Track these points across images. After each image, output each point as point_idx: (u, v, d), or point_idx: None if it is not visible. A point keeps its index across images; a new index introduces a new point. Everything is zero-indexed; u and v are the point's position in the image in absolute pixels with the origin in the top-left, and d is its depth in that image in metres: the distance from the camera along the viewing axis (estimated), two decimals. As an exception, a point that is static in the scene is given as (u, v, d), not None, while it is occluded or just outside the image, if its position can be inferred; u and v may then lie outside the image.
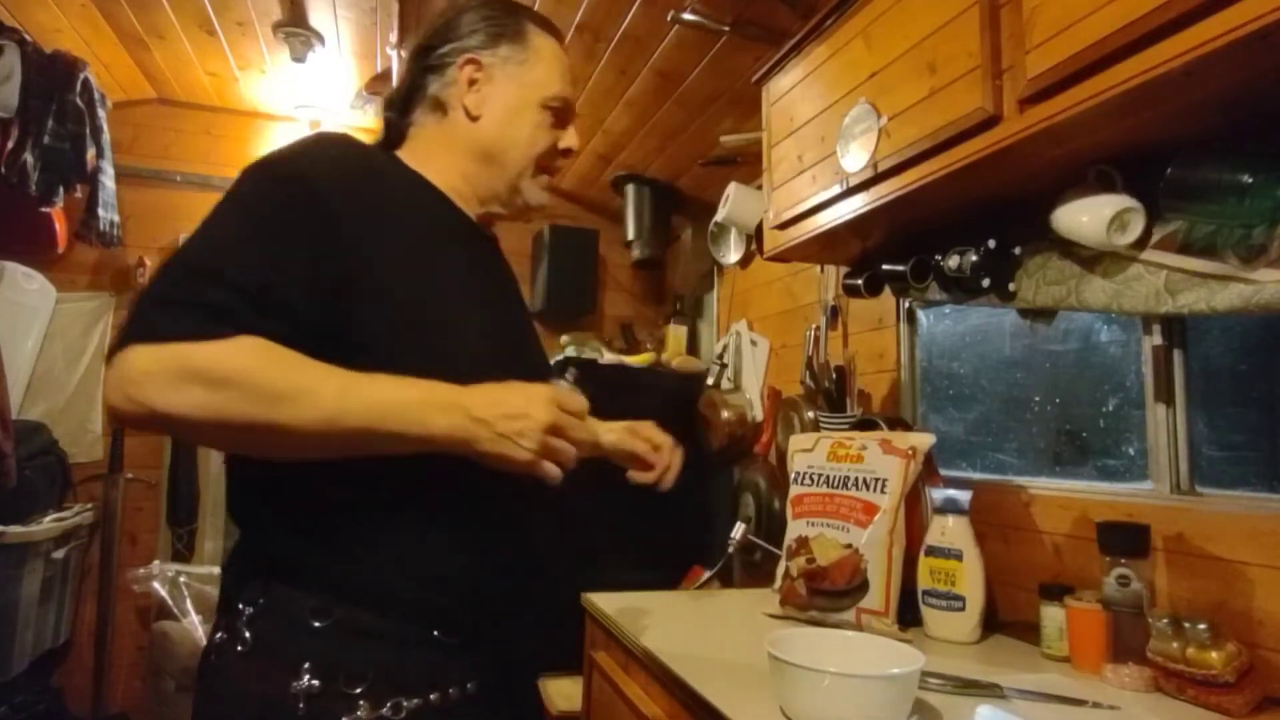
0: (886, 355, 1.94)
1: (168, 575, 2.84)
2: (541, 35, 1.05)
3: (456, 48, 1.01)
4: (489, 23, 1.02)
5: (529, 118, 1.02)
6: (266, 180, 0.86)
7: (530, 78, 1.02)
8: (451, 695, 0.89)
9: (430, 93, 1.03)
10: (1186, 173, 1.02)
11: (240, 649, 0.85)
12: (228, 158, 3.29)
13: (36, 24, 2.51)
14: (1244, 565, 1.09)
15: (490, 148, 1.01)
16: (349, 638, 0.85)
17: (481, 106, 1.01)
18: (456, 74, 1.01)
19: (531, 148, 1.02)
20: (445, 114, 1.02)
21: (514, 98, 1.01)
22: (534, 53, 1.03)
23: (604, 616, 1.47)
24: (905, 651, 0.96)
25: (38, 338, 2.89)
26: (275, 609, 0.85)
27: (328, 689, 0.82)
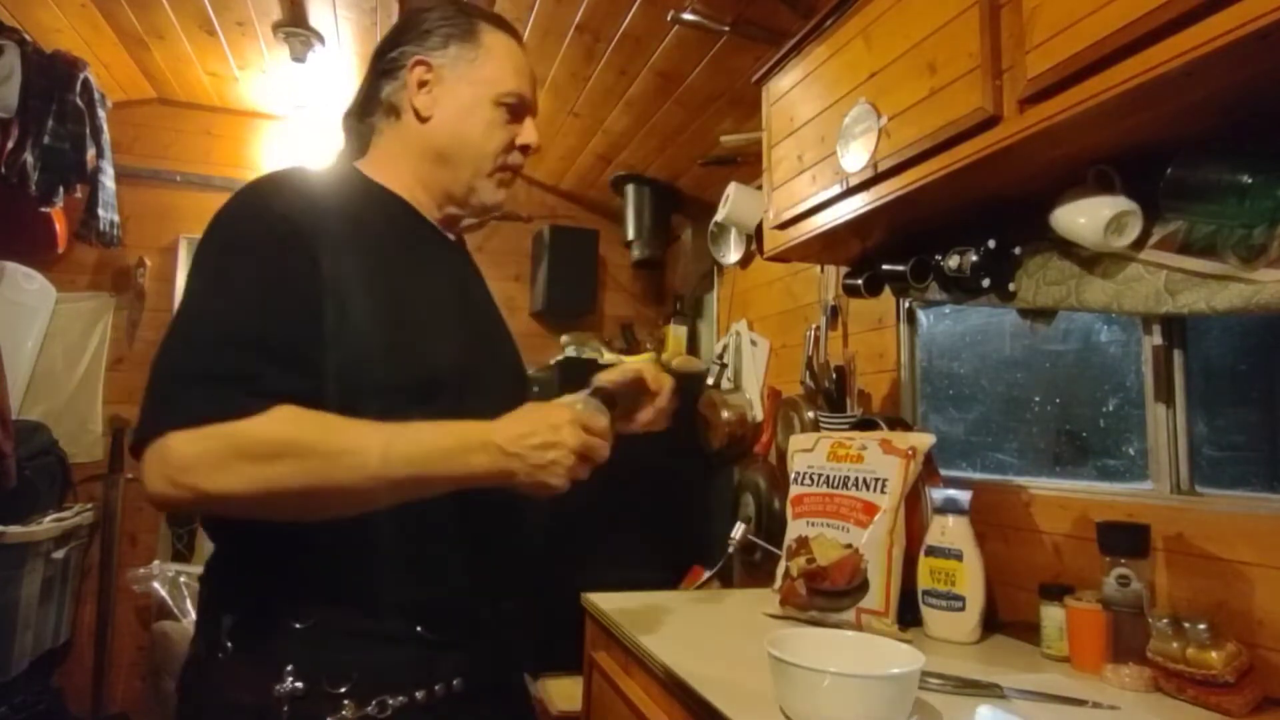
0: (886, 355, 1.94)
1: (168, 575, 2.84)
2: (494, 33, 1.04)
3: (407, 50, 1.01)
4: (441, 23, 1.02)
5: (481, 115, 1.01)
6: (255, 226, 0.86)
7: (481, 75, 1.01)
8: (438, 692, 0.88)
9: (383, 96, 1.03)
10: (1186, 173, 1.02)
11: (221, 656, 0.85)
12: (228, 158, 3.29)
13: (36, 24, 2.51)
14: (1244, 565, 1.09)
15: (443, 148, 1.01)
16: (331, 638, 0.84)
17: (432, 108, 1.00)
18: (407, 76, 1.01)
19: (485, 145, 1.01)
20: (398, 117, 1.02)
21: (465, 96, 1.01)
22: (485, 50, 1.02)
23: (604, 616, 1.47)
24: (905, 651, 0.96)
25: (38, 338, 2.89)
26: (255, 613, 0.85)
27: (312, 690, 0.82)
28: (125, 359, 3.10)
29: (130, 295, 3.10)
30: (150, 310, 3.14)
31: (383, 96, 1.03)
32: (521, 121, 1.04)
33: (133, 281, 3.10)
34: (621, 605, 1.50)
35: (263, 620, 0.85)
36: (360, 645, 0.85)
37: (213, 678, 0.86)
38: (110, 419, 3.04)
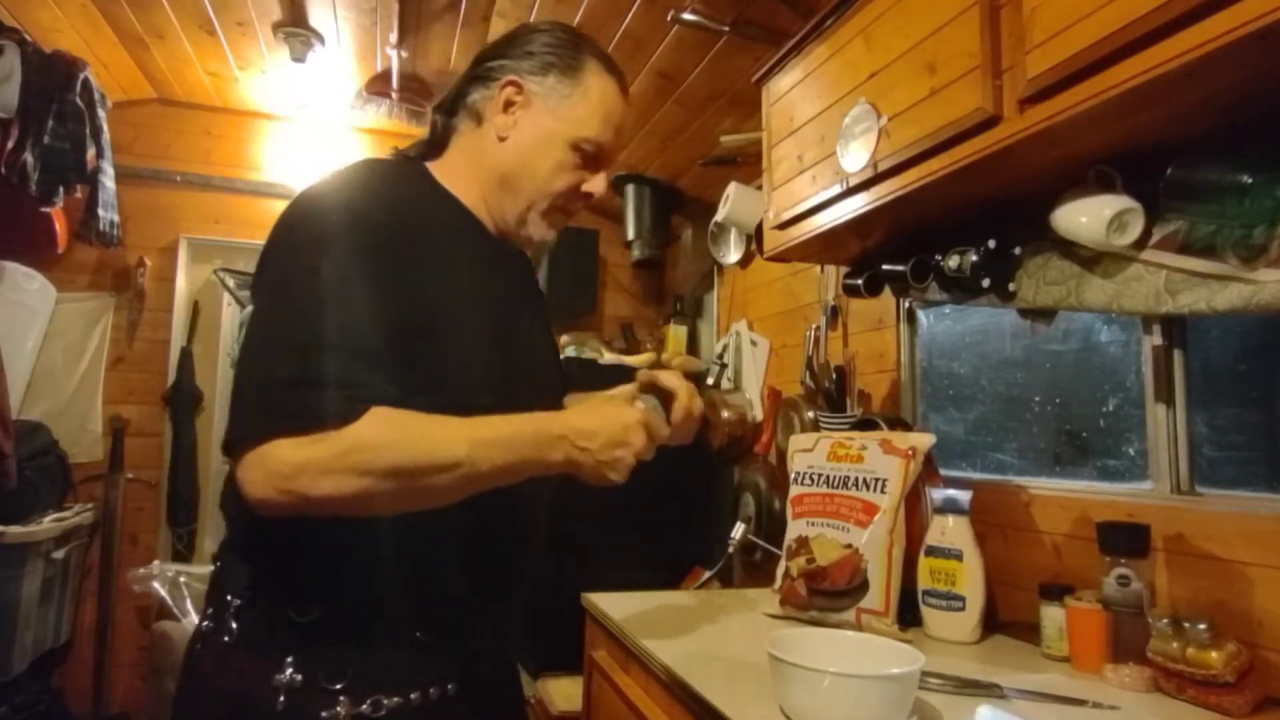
0: (886, 355, 1.94)
1: (168, 575, 2.84)
2: (599, 75, 1.01)
3: (505, 65, 1.00)
4: (547, 49, 1.00)
5: (553, 154, 0.99)
6: (348, 234, 0.86)
7: (568, 114, 0.99)
8: (432, 695, 0.89)
9: (470, 101, 1.02)
10: (1186, 173, 1.02)
11: (226, 639, 0.86)
12: (228, 158, 3.29)
13: (36, 24, 2.51)
14: (1244, 565, 1.09)
15: (507, 174, 0.99)
16: (332, 634, 0.85)
17: (510, 130, 0.99)
18: (497, 91, 1.00)
19: (549, 184, 1.00)
20: (478, 125, 1.01)
21: (545, 130, 0.99)
22: (582, 90, 1.00)
23: (604, 616, 1.47)
24: (905, 651, 0.96)
25: (38, 338, 2.89)
26: (261, 602, 0.87)
27: (308, 684, 0.83)
28: (125, 359, 3.10)
29: (130, 295, 3.10)
30: (150, 310, 3.14)
31: (469, 101, 1.02)
32: (594, 169, 1.03)
33: (133, 281, 3.10)
34: (621, 605, 1.50)
35: (268, 609, 0.86)
36: (359, 644, 0.86)
37: (216, 660, 0.87)
38: (110, 419, 3.04)
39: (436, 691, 0.89)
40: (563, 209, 1.03)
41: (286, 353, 0.79)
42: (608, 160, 1.04)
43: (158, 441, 3.12)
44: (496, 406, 0.87)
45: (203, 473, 3.18)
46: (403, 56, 2.70)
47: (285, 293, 0.83)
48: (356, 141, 3.49)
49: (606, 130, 1.01)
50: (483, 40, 2.57)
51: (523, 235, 1.03)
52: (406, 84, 2.92)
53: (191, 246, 3.22)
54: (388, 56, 2.70)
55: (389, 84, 2.90)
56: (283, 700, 0.82)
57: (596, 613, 1.53)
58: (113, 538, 2.97)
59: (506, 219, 1.02)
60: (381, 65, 2.83)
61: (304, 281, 0.83)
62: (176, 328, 3.17)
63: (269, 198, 3.34)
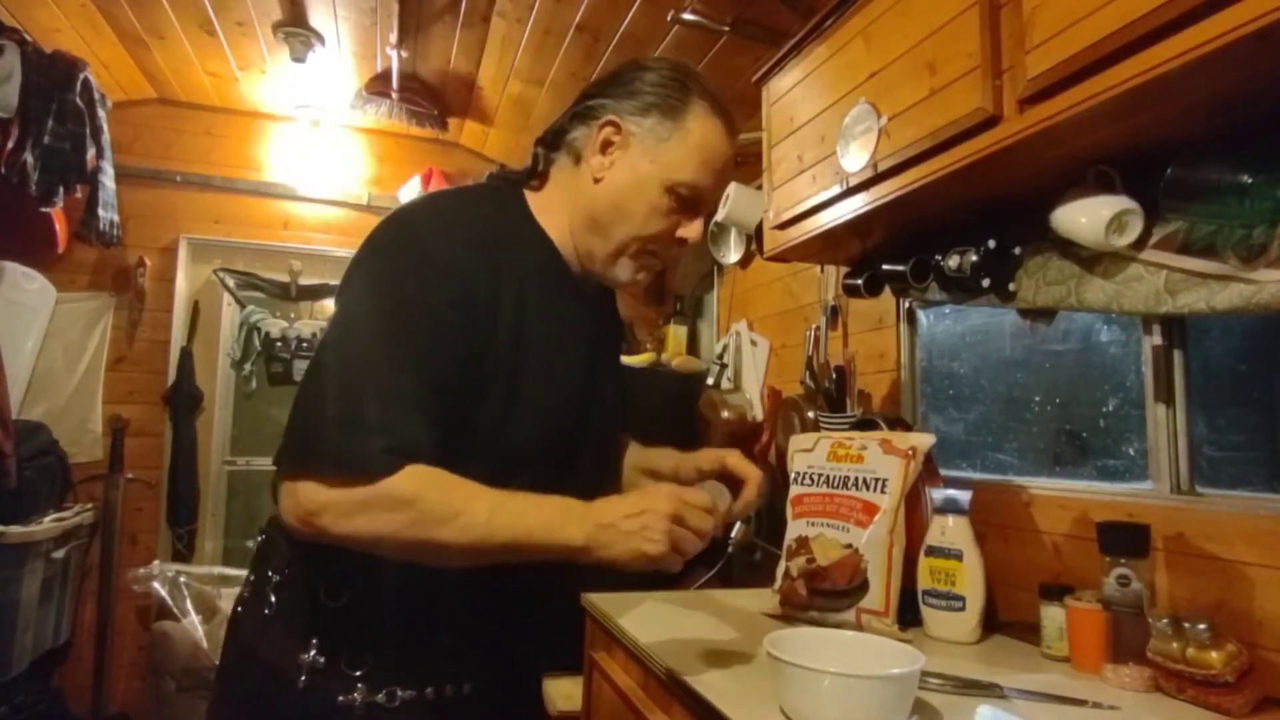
0: (886, 355, 1.94)
1: (168, 575, 2.84)
2: (702, 118, 0.98)
3: (607, 104, 0.98)
4: (652, 89, 0.97)
5: (648, 198, 0.96)
6: (425, 277, 0.86)
7: (666, 157, 0.96)
8: (447, 693, 0.91)
9: (570, 138, 1.01)
10: (1186, 173, 1.02)
11: (266, 612, 0.91)
12: (228, 158, 3.29)
13: (36, 24, 2.51)
14: (1244, 565, 1.09)
15: (599, 215, 0.97)
16: (358, 621, 0.88)
17: (605, 172, 0.97)
18: (595, 131, 0.98)
19: (641, 228, 0.97)
20: (576, 164, 1.00)
21: (641, 172, 0.96)
22: (683, 133, 0.96)
23: (604, 616, 1.47)
24: (905, 651, 0.96)
25: (38, 338, 2.89)
26: (297, 581, 0.91)
27: (330, 666, 0.87)
28: (125, 359, 3.10)
29: (130, 295, 3.11)
30: (150, 310, 3.14)
31: (570, 138, 1.01)
32: (690, 214, 0.99)
33: (133, 281, 3.10)
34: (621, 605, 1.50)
35: (303, 589, 0.90)
36: (383, 636, 0.89)
37: (258, 630, 0.92)
38: (110, 419, 3.04)
39: (452, 689, 0.92)
40: (655, 254, 1.00)
41: (343, 391, 0.81)
42: (706, 205, 1.01)
43: (157, 441, 3.12)
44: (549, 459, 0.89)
45: (202, 473, 3.18)
46: (403, 56, 2.70)
47: (357, 327, 0.85)
48: (356, 141, 3.49)
49: (705, 174, 0.98)
50: (482, 40, 2.57)
51: (608, 277, 1.01)
52: (406, 84, 2.92)
53: (191, 246, 3.22)
54: (388, 56, 2.71)
55: (389, 84, 2.90)
56: (304, 679, 0.86)
57: (596, 613, 1.53)
58: (113, 538, 2.97)
59: (594, 260, 1.00)
60: (381, 65, 2.83)
61: (380, 325, 0.83)
62: (176, 328, 3.17)
63: (269, 198, 3.34)
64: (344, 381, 0.81)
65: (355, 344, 0.83)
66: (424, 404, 0.82)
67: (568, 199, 1.00)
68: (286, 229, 3.36)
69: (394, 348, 0.82)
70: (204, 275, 3.27)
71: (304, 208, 3.39)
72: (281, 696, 0.87)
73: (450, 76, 2.89)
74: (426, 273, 0.86)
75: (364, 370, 0.81)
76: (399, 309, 0.84)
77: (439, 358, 0.84)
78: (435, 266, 0.86)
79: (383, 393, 0.80)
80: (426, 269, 0.86)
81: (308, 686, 0.86)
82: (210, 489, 3.20)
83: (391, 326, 0.83)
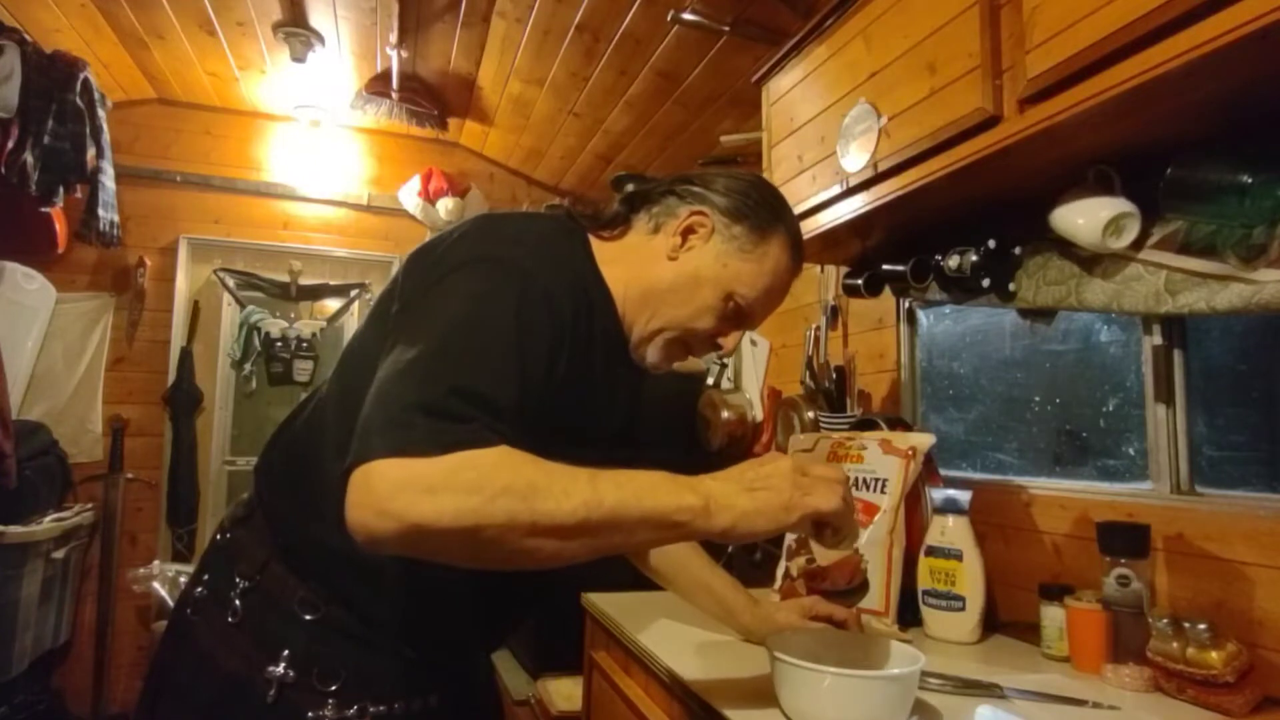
0: (886, 355, 1.94)
1: (168, 575, 2.84)
2: (782, 248, 0.99)
3: (704, 194, 0.99)
4: (746, 200, 0.98)
5: (708, 295, 0.97)
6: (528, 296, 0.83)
7: (739, 268, 0.97)
8: (415, 706, 0.90)
9: (656, 209, 1.01)
10: (1186, 173, 1.02)
11: (230, 619, 0.87)
12: (228, 158, 3.29)
13: (36, 24, 2.51)
14: (1244, 565, 1.09)
15: (657, 291, 0.97)
16: (331, 636, 0.86)
17: (679, 253, 0.98)
18: (685, 213, 0.98)
19: (689, 320, 0.98)
20: (653, 234, 1.00)
21: (711, 269, 0.97)
22: (761, 253, 0.98)
23: (604, 616, 1.47)
24: (905, 651, 0.96)
25: (38, 338, 2.90)
26: (268, 590, 0.87)
27: (302, 681, 0.84)
28: (125, 359, 3.10)
29: (130, 295, 3.11)
30: (150, 310, 3.14)
31: (655, 209, 1.01)
32: (733, 326, 1.01)
33: (133, 281, 3.10)
34: (621, 605, 1.50)
35: (275, 600, 0.87)
36: (354, 650, 0.87)
37: (219, 637, 0.88)
38: (110, 419, 3.04)
39: (420, 702, 0.91)
40: (687, 346, 1.01)
41: (427, 384, 0.74)
42: (749, 325, 1.02)
43: (158, 441, 3.12)
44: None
45: (202, 473, 3.18)
46: (403, 56, 2.70)
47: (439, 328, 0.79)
48: (356, 141, 3.49)
49: (765, 299, 0.99)
50: (482, 40, 2.57)
51: (638, 352, 1.01)
52: (406, 84, 2.92)
53: (191, 246, 3.22)
54: (388, 56, 2.71)
55: (389, 84, 2.91)
56: (272, 694, 0.83)
57: (596, 613, 1.53)
58: (113, 538, 2.97)
59: (634, 329, 1.00)
60: (381, 65, 2.83)
61: (464, 325, 0.79)
62: (176, 328, 3.17)
63: (269, 198, 3.34)
64: (434, 375, 0.75)
65: (443, 346, 0.77)
66: (508, 410, 0.76)
67: (634, 263, 0.99)
68: (286, 229, 3.36)
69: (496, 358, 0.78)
70: (204, 275, 3.27)
71: (304, 208, 3.39)
72: (244, 710, 0.84)
73: (450, 76, 2.89)
74: (529, 295, 0.83)
75: (452, 368, 0.76)
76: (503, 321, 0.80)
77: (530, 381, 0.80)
78: (537, 292, 0.84)
79: (477, 398, 0.74)
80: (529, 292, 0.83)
81: (276, 701, 0.83)
82: (210, 489, 3.20)
83: (494, 338, 0.79)
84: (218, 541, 0.96)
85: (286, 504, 0.92)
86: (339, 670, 0.85)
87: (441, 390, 0.73)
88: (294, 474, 0.93)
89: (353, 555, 0.84)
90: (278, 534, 0.91)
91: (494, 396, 0.75)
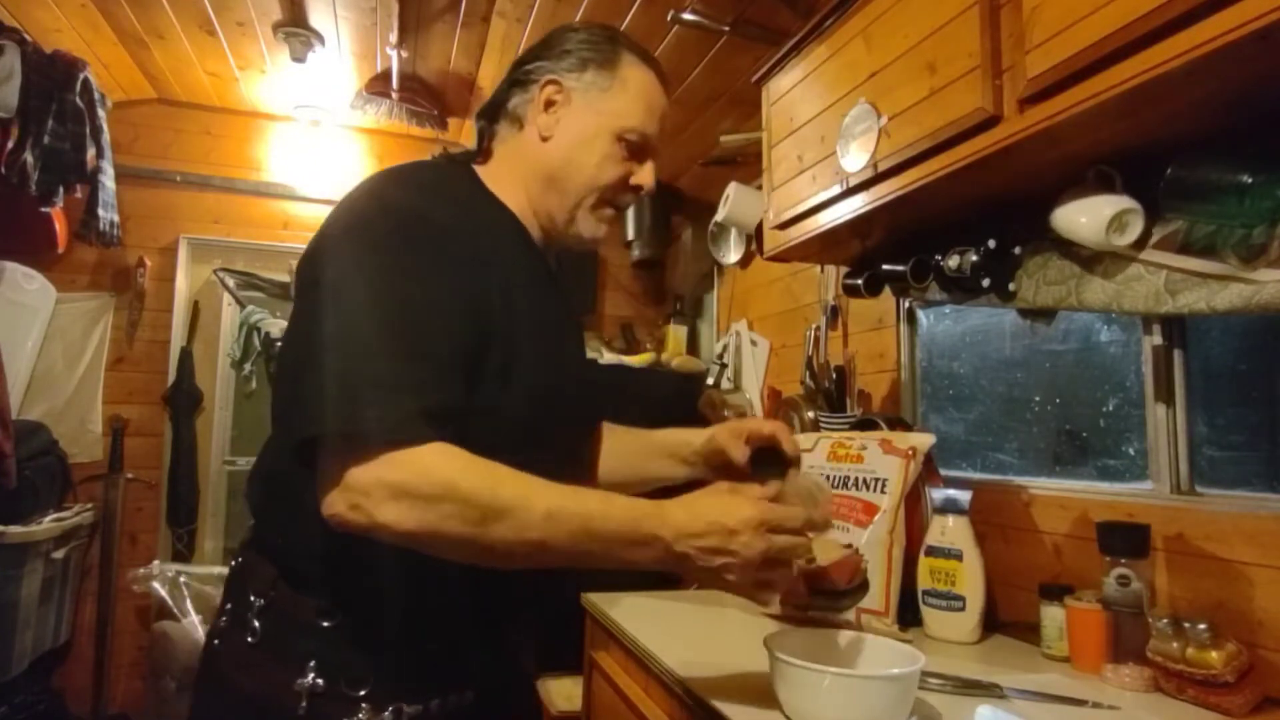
0: (886, 355, 1.94)
1: (168, 575, 2.84)
2: (635, 67, 1.01)
3: (543, 66, 1.00)
4: (583, 46, 1.00)
5: (599, 147, 0.98)
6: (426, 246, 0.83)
7: (610, 107, 0.98)
8: (451, 703, 0.89)
9: (510, 106, 1.01)
10: (1186, 173, 1.02)
11: (250, 640, 0.86)
12: (228, 158, 3.29)
13: (36, 24, 2.51)
14: (1244, 565, 1.09)
15: (554, 172, 0.98)
16: (353, 640, 0.85)
17: (553, 129, 0.98)
18: (537, 93, 0.99)
19: (596, 178, 0.98)
20: (520, 129, 1.01)
21: (588, 124, 0.98)
22: (620, 82, 0.99)
23: (604, 616, 1.47)
24: (905, 651, 0.96)
25: (38, 338, 2.89)
26: (283, 606, 0.86)
27: (331, 689, 0.83)
28: (125, 359, 3.10)
29: (130, 295, 3.10)
30: (150, 310, 3.14)
31: (510, 106, 1.02)
32: (640, 161, 1.02)
33: (133, 281, 3.10)
34: (621, 605, 1.50)
35: (291, 611, 0.86)
36: (380, 652, 0.86)
37: (239, 660, 0.87)
38: (110, 419, 3.04)
39: (456, 699, 0.90)
40: (611, 202, 1.02)
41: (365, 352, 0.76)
42: (653, 152, 1.03)
43: (157, 441, 3.12)
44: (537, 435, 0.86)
45: (202, 473, 3.18)
46: (403, 56, 2.70)
47: (356, 292, 0.80)
48: (356, 141, 3.49)
49: (650, 120, 1.00)
50: (482, 40, 2.57)
51: (571, 233, 1.02)
52: (406, 84, 2.92)
53: (191, 246, 3.22)
54: (388, 56, 2.70)
55: (389, 84, 2.90)
56: (304, 706, 0.82)
57: (596, 613, 1.53)
58: (113, 538, 2.97)
59: (555, 219, 1.00)
60: (381, 65, 2.83)
61: (382, 286, 0.80)
62: (176, 328, 3.17)
63: (269, 198, 3.34)
64: (362, 347, 0.77)
65: (368, 311, 0.79)
66: (449, 364, 0.79)
67: (519, 165, 1.01)
68: (286, 229, 3.36)
69: (404, 306, 0.79)
70: (204, 275, 3.27)
71: (304, 208, 3.39)
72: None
73: (450, 76, 2.89)
74: (428, 241, 0.84)
75: (386, 333, 0.77)
76: (406, 271, 0.81)
77: (454, 320, 0.81)
78: (434, 235, 0.84)
79: (410, 354, 0.77)
80: (426, 237, 0.84)
81: (309, 713, 0.82)
82: (210, 489, 3.20)
83: (393, 285, 0.80)
84: (233, 567, 0.96)
85: (275, 525, 0.92)
86: (366, 674, 0.84)
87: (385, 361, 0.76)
88: (273, 493, 0.92)
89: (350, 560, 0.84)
90: (276, 552, 0.90)
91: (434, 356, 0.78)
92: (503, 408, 0.86)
